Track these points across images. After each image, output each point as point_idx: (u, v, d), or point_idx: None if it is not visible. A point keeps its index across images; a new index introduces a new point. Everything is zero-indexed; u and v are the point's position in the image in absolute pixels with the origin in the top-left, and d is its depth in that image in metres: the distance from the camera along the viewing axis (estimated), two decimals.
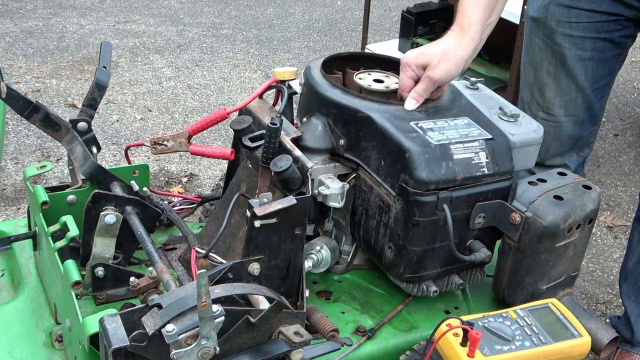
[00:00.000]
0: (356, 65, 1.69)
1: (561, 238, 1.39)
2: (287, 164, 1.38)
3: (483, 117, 1.52)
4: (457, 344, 1.20)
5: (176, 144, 1.64)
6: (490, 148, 1.41)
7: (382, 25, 5.41)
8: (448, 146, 1.37)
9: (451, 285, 1.52)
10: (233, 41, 4.83)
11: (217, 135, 3.50)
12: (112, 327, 1.06)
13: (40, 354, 1.39)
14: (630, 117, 4.00)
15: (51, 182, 2.95)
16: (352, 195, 1.51)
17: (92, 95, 1.60)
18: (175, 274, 1.58)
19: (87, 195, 1.44)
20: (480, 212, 1.42)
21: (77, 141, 1.57)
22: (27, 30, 4.66)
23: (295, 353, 1.19)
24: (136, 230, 1.43)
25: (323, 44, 4.93)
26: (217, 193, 1.88)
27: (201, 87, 4.06)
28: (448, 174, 1.35)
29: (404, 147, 1.35)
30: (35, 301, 1.53)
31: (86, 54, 4.36)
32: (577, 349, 1.28)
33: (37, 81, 3.93)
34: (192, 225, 1.81)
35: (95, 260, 1.40)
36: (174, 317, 1.06)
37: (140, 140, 3.34)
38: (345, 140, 1.47)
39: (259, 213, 1.24)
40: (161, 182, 3.09)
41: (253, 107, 1.64)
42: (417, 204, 1.35)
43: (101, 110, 3.61)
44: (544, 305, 1.35)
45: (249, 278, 1.31)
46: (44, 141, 3.25)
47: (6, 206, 2.81)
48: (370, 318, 1.52)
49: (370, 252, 1.54)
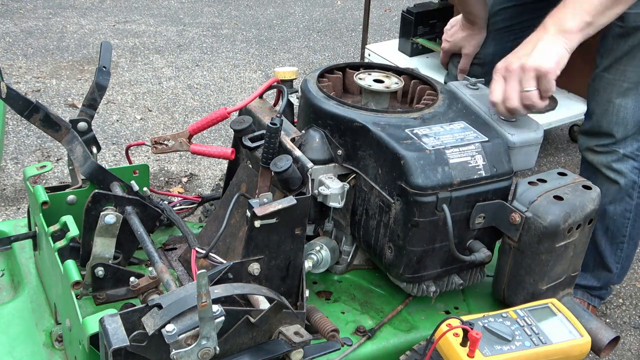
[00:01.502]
0: (356, 65, 1.69)
1: (561, 238, 1.39)
2: (287, 164, 1.38)
3: (480, 119, 1.53)
4: (457, 344, 1.20)
5: (177, 144, 1.64)
6: (487, 151, 1.42)
7: (382, 25, 5.41)
8: (443, 151, 1.38)
9: (451, 285, 1.52)
10: (233, 41, 4.83)
11: (217, 135, 3.50)
12: (112, 327, 1.06)
13: (40, 354, 1.39)
14: None
15: (51, 182, 2.94)
16: (352, 195, 1.51)
17: (92, 95, 1.60)
18: (175, 274, 1.58)
19: (87, 195, 1.44)
20: (480, 212, 1.42)
21: (77, 141, 1.57)
22: (27, 30, 4.66)
23: (295, 353, 1.19)
24: (136, 230, 1.43)
25: (323, 44, 4.93)
26: (217, 193, 1.88)
27: (201, 87, 4.06)
28: (444, 179, 1.36)
29: (399, 154, 1.35)
30: (35, 301, 1.53)
31: (86, 54, 4.36)
32: (577, 349, 1.28)
33: (37, 81, 3.93)
34: (192, 225, 1.81)
35: (95, 260, 1.40)
36: (174, 317, 1.06)
37: (141, 140, 3.34)
38: (343, 151, 1.48)
39: (259, 213, 1.24)
40: (161, 182, 3.09)
41: (253, 107, 1.64)
42: (416, 204, 1.35)
43: (101, 110, 3.61)
44: (544, 305, 1.35)
45: (249, 278, 1.31)
46: (44, 141, 3.25)
47: (6, 206, 2.81)
48: (370, 318, 1.52)
49: (370, 252, 1.54)
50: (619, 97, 1.87)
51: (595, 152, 1.97)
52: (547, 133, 2.46)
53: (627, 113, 1.88)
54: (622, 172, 1.95)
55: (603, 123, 1.92)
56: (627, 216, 2.03)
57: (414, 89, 1.67)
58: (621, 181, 1.96)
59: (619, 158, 1.94)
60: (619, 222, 2.05)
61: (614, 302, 2.53)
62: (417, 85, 1.66)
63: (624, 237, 2.08)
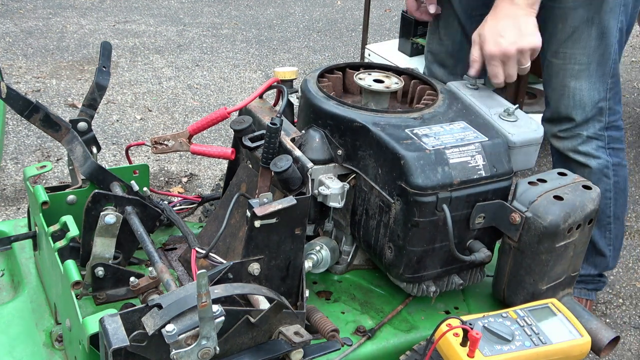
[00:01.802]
0: (356, 65, 1.69)
1: (561, 238, 1.39)
2: (287, 164, 1.38)
3: (480, 119, 1.53)
4: (457, 344, 1.20)
5: (177, 144, 1.64)
6: (487, 151, 1.42)
7: (382, 25, 5.41)
8: (443, 151, 1.38)
9: (451, 285, 1.52)
10: (233, 41, 4.83)
11: (217, 135, 3.50)
12: (112, 327, 1.06)
13: (40, 354, 1.39)
14: (630, 117, 4.00)
15: (51, 182, 2.95)
16: (352, 195, 1.51)
17: (92, 95, 1.60)
18: (175, 274, 1.58)
19: (87, 195, 1.44)
20: (480, 212, 1.42)
21: (77, 141, 1.57)
22: (27, 30, 4.66)
23: (295, 353, 1.19)
24: (136, 230, 1.43)
25: (323, 44, 4.93)
26: (217, 193, 1.88)
27: (201, 87, 4.06)
28: (444, 179, 1.36)
29: (399, 154, 1.36)
30: (35, 301, 1.53)
31: (86, 54, 4.36)
32: (577, 349, 1.28)
33: (37, 81, 3.93)
34: (192, 225, 1.81)
35: (95, 260, 1.40)
36: (174, 317, 1.06)
37: (141, 140, 3.34)
38: (343, 151, 1.48)
39: (259, 213, 1.24)
40: (161, 182, 3.09)
41: (253, 107, 1.64)
42: (416, 204, 1.35)
43: (101, 110, 3.61)
44: (544, 305, 1.35)
45: (249, 278, 1.31)
46: (44, 141, 3.25)
47: (6, 206, 2.81)
48: (370, 318, 1.52)
49: (370, 252, 1.54)
50: (572, 80, 1.87)
51: (560, 138, 1.97)
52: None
53: (582, 95, 1.88)
54: (590, 153, 1.96)
55: (561, 108, 1.92)
56: (608, 196, 2.04)
57: (414, 89, 1.67)
58: (591, 163, 1.97)
59: (584, 141, 1.94)
60: (601, 203, 2.04)
61: (614, 302, 2.53)
62: (417, 85, 1.66)
63: (609, 218, 2.09)
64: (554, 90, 1.93)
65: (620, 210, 2.10)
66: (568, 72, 1.87)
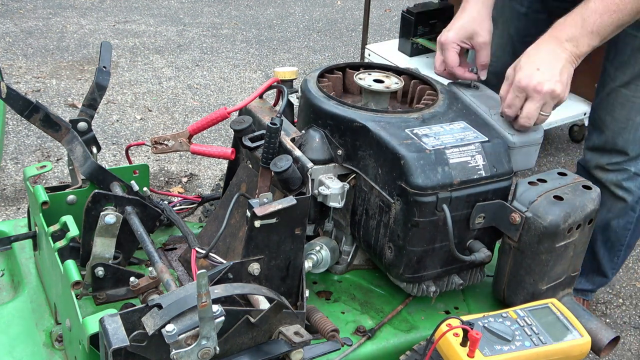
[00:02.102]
0: (356, 65, 1.69)
1: (561, 238, 1.39)
2: (287, 164, 1.38)
3: (480, 119, 1.53)
4: (457, 344, 1.20)
5: (177, 144, 1.64)
6: (487, 151, 1.42)
7: (382, 25, 5.41)
8: (443, 151, 1.38)
9: (451, 285, 1.52)
10: (233, 41, 4.83)
11: (217, 135, 3.50)
12: (112, 327, 1.06)
13: (40, 354, 1.39)
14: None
15: (51, 182, 2.95)
16: (352, 195, 1.51)
17: (92, 95, 1.60)
18: (175, 274, 1.58)
19: (87, 195, 1.44)
20: (480, 212, 1.42)
21: (77, 141, 1.57)
22: (27, 30, 4.66)
23: (295, 353, 1.19)
24: (136, 230, 1.43)
25: (323, 44, 4.93)
26: (217, 193, 1.88)
27: (201, 87, 4.06)
28: (444, 179, 1.36)
29: (399, 154, 1.35)
30: (35, 301, 1.53)
31: (86, 54, 4.36)
32: (577, 349, 1.28)
33: (37, 81, 3.93)
34: (192, 225, 1.81)
35: (95, 260, 1.40)
36: (174, 317, 1.06)
37: (141, 140, 3.34)
38: (343, 151, 1.48)
39: (259, 213, 1.24)
40: (161, 182, 3.09)
41: (253, 107, 1.64)
42: (416, 204, 1.35)
43: (101, 110, 3.61)
44: (544, 305, 1.35)
45: (249, 278, 1.31)
46: (44, 141, 3.25)
47: (6, 206, 2.81)
48: (370, 318, 1.52)
49: (370, 252, 1.54)
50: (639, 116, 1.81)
51: (605, 171, 1.92)
52: (547, 133, 2.46)
53: None
54: (631, 190, 1.92)
55: (619, 141, 1.86)
56: (628, 227, 2.02)
57: (414, 89, 1.67)
58: (629, 199, 1.94)
59: (630, 176, 1.90)
60: (620, 233, 2.04)
61: (614, 302, 2.53)
62: (417, 85, 1.66)
63: (622, 246, 2.08)
64: (616, 121, 1.85)
65: (634, 241, 2.09)
66: (636, 106, 1.81)
